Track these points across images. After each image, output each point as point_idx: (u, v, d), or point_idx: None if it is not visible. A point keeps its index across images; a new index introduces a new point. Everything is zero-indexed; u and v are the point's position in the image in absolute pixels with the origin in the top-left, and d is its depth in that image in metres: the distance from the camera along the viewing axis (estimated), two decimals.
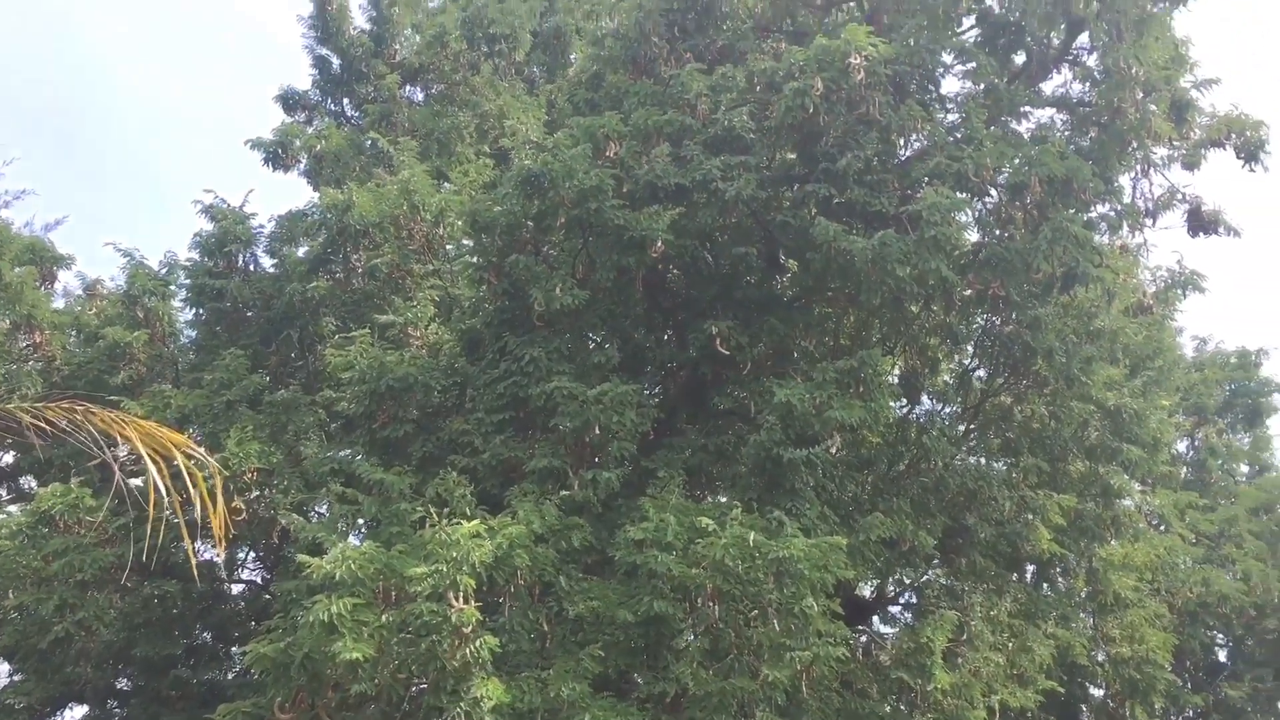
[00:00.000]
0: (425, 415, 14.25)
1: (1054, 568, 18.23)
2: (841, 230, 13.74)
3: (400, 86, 21.84)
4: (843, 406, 13.45)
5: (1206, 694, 20.49)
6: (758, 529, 11.83)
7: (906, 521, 14.87)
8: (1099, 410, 16.69)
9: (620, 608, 11.82)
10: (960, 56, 15.92)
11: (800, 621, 11.76)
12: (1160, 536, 19.47)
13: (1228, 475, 23.63)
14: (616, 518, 12.94)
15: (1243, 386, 24.25)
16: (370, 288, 17.00)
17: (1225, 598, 19.27)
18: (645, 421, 13.90)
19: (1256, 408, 24.21)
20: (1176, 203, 16.46)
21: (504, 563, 11.17)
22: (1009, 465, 17.48)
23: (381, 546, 10.95)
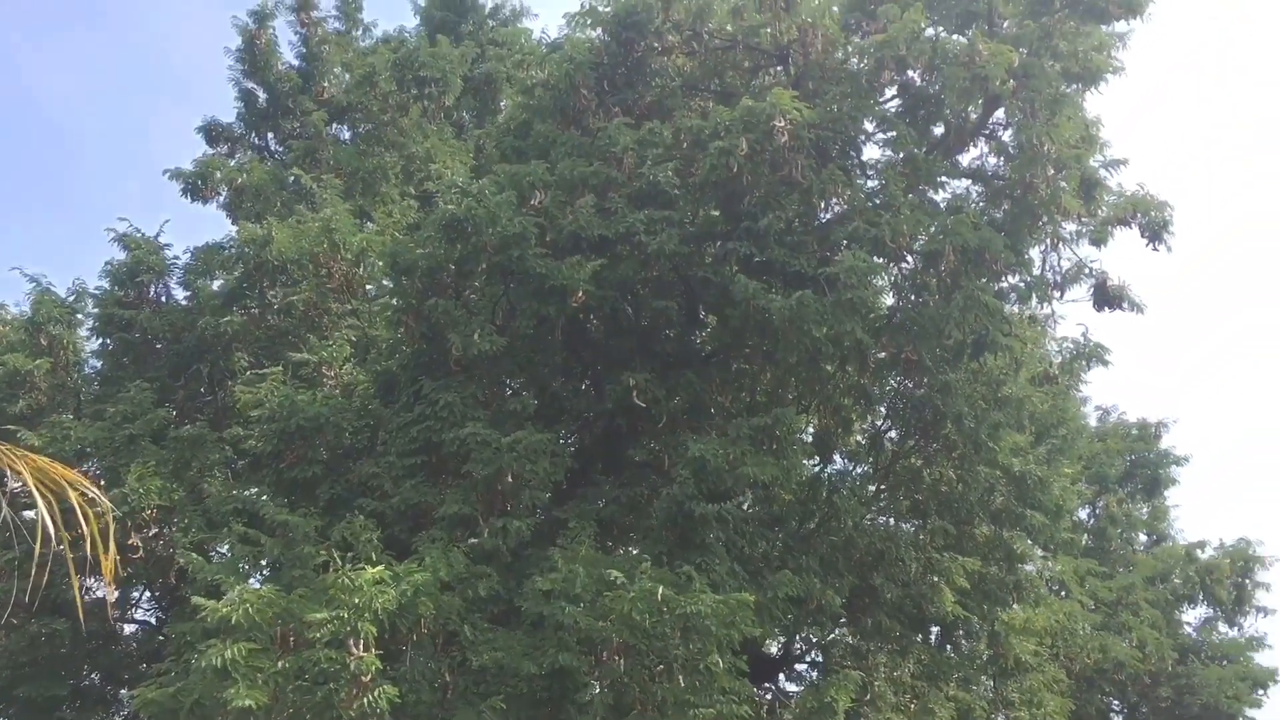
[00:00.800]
0: (335, 456, 14.02)
1: (957, 630, 18.42)
2: (760, 288, 13.91)
3: (327, 124, 21.66)
4: (756, 463, 13.55)
5: None
6: (667, 583, 11.81)
7: (814, 580, 14.94)
8: (1005, 476, 17.00)
9: (525, 659, 11.68)
10: (881, 125, 16.30)
11: (705, 678, 11.73)
12: (1060, 602, 19.82)
13: (1126, 544, 24.21)
14: (526, 567, 12.83)
15: (1143, 458, 24.95)
16: (285, 325, 16.75)
17: (1121, 664, 19.65)
18: (559, 471, 13.85)
19: (1155, 479, 24.91)
20: (1084, 277, 16.92)
21: (408, 610, 10.99)
22: (916, 527, 17.71)
23: (282, 590, 10.71)
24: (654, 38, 16.57)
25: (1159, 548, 24.14)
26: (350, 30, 23.75)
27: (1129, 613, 20.73)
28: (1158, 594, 21.89)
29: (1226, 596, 22.42)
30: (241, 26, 22.26)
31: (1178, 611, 22.75)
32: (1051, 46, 15.35)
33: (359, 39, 23.81)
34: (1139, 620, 20.54)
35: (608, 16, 16.60)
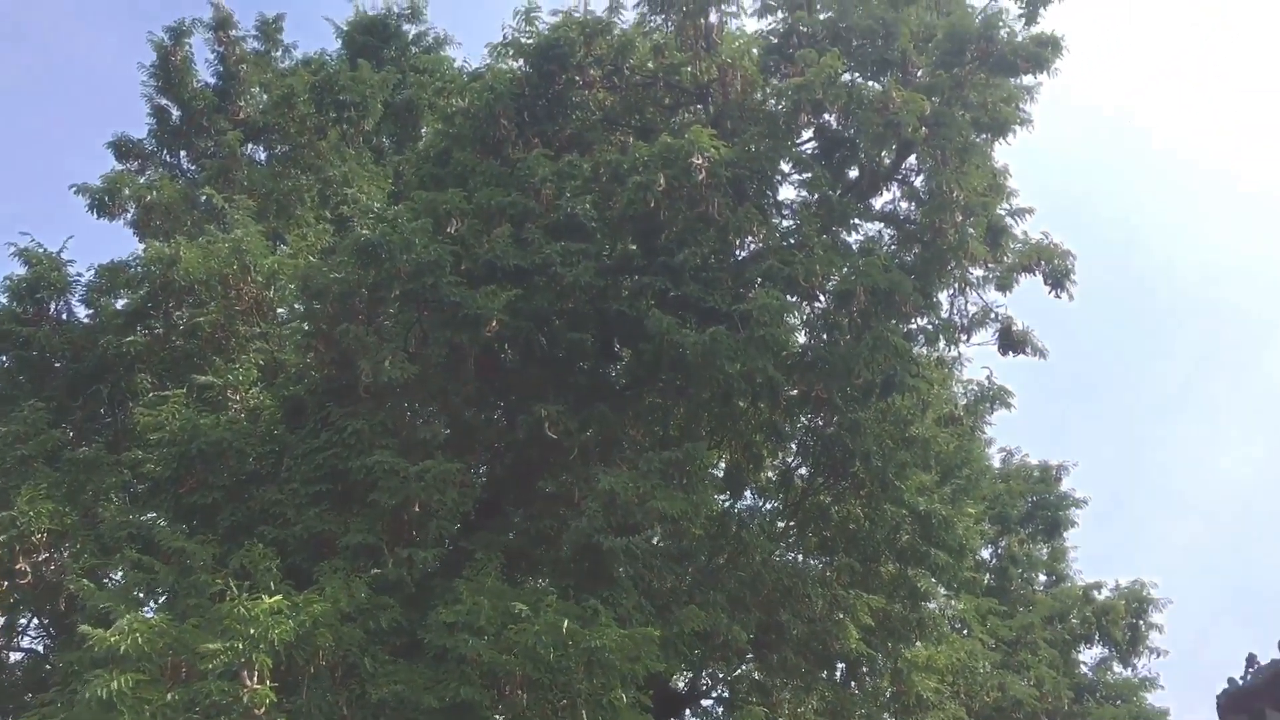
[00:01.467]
0: (237, 482, 13.70)
1: (862, 667, 18.59)
2: (675, 323, 14.00)
3: (242, 144, 21.31)
4: (665, 497, 13.56)
5: None
6: (572, 617, 11.74)
7: (722, 615, 14.96)
8: (911, 514, 17.25)
9: (426, 692, 11.50)
10: (797, 166, 16.56)
11: (608, 713, 11.66)
12: (962, 640, 20.11)
13: (1026, 583, 24.71)
14: (430, 599, 12.65)
15: (1043, 499, 25.54)
16: (191, 346, 16.35)
17: (1019, 703, 19.97)
18: (468, 501, 13.72)
19: (1055, 520, 25.50)
20: (989, 321, 17.37)
21: (306, 641, 10.75)
22: (824, 564, 17.88)
23: (174, 619, 10.41)
24: (575, 71, 16.68)
25: (1057, 588, 24.68)
26: (269, 51, 23.44)
27: (1028, 651, 21.12)
28: (1055, 633, 22.35)
29: (1121, 637, 22.98)
30: (157, 42, 21.86)
31: (1074, 651, 23.26)
32: (962, 97, 15.78)
33: (278, 60, 23.52)
34: (1037, 659, 20.94)
35: (530, 48, 16.67)
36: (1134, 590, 23.80)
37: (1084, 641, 23.41)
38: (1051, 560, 25.61)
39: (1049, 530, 25.54)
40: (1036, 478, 25.77)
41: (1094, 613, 23.20)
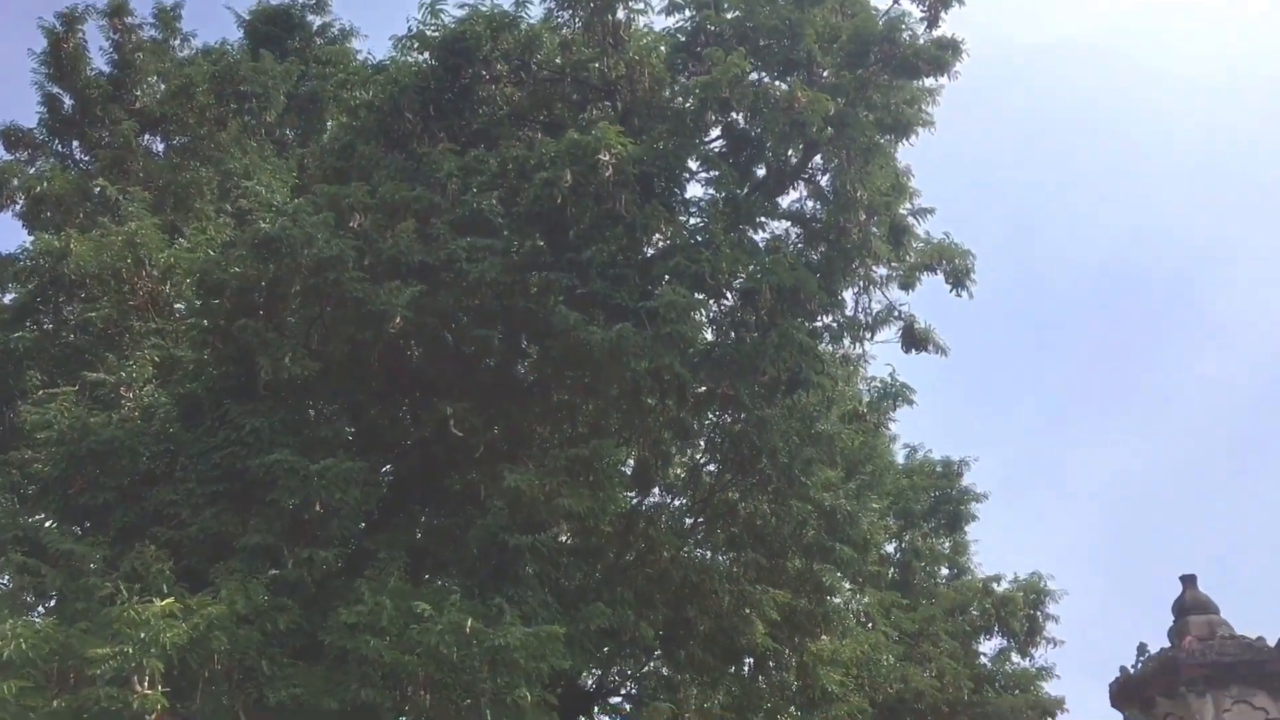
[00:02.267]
0: (130, 483, 13.30)
1: (768, 661, 18.74)
2: (581, 320, 13.94)
3: (138, 134, 20.76)
4: (572, 495, 13.54)
5: None
6: (476, 615, 11.65)
7: (628, 612, 14.98)
8: (816, 510, 17.43)
9: (326, 695, 11.33)
10: (705, 164, 16.62)
11: (513, 712, 11.59)
12: (866, 633, 20.38)
13: (929, 577, 25.14)
14: (331, 600, 12.44)
15: (946, 494, 25.99)
16: (82, 342, 15.87)
17: (922, 694, 20.31)
18: (371, 500, 13.54)
19: (957, 514, 25.97)
20: (893, 319, 17.66)
21: (200, 645, 10.49)
22: (731, 559, 17.98)
23: (62, 624, 10.07)
24: (482, 66, 16.52)
25: (959, 581, 25.15)
26: (167, 39, 22.86)
27: (930, 643, 21.48)
28: (956, 625, 22.77)
29: (1019, 628, 23.50)
30: (48, 28, 21.16)
31: (975, 642, 23.71)
32: (866, 98, 15.97)
33: (176, 49, 22.95)
34: (939, 651, 21.31)
35: (435, 41, 16.46)
36: (1032, 583, 24.37)
37: (984, 633, 23.87)
38: (953, 554, 26.09)
39: (951, 524, 26.01)
40: (939, 473, 26.23)
41: (993, 605, 23.70)
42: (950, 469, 26.53)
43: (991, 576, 25.04)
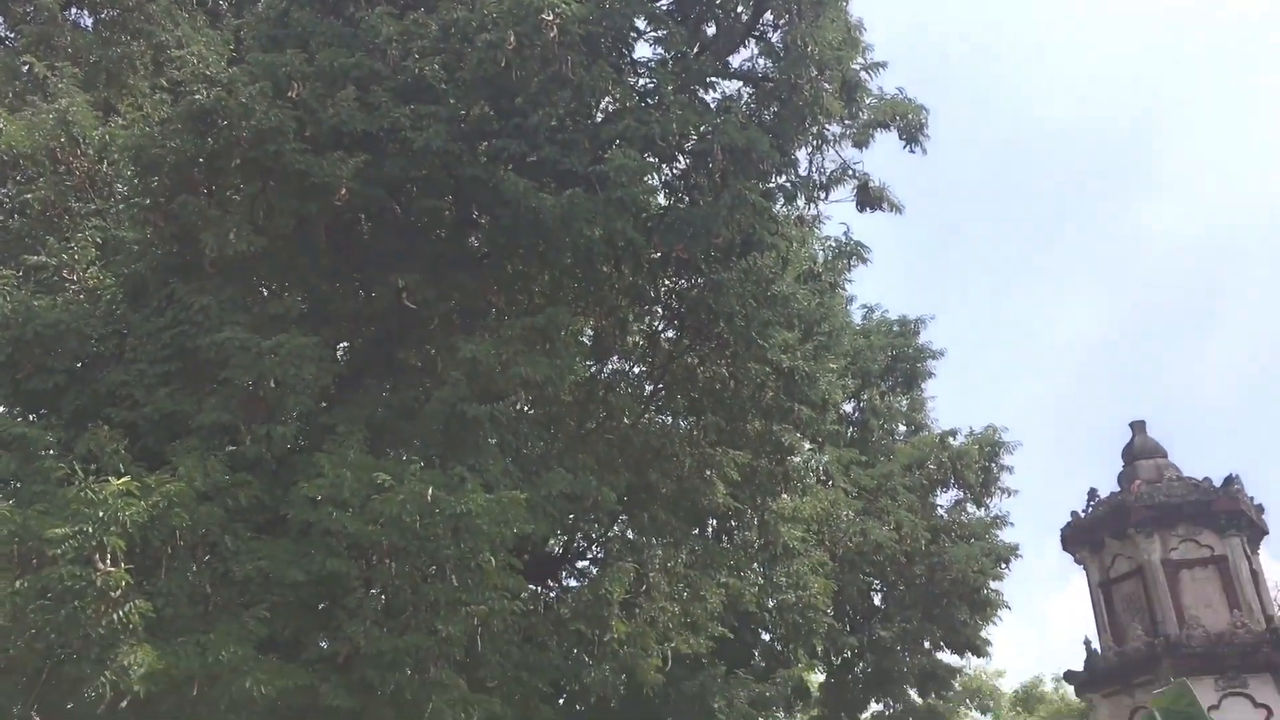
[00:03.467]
0: (79, 366, 13.11)
1: (730, 521, 19.13)
2: (531, 187, 13.73)
3: (64, 8, 19.82)
4: (529, 363, 13.50)
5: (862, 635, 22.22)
6: (438, 484, 11.71)
7: (590, 478, 15.13)
8: (774, 372, 17.57)
9: (291, 567, 11.42)
10: (653, 24, 16.16)
11: (477, 577, 11.76)
12: (826, 491, 20.84)
13: (887, 434, 25.59)
14: (291, 474, 12.45)
15: (903, 352, 26.28)
16: (21, 226, 15.41)
17: (880, 546, 20.89)
18: (326, 376, 13.42)
19: (914, 372, 26.32)
20: (847, 178, 17.51)
21: (161, 522, 10.51)
22: (691, 424, 18.17)
23: (18, 507, 10.02)
24: None
25: (916, 437, 25.63)
26: None
27: (888, 498, 22.01)
28: (914, 480, 23.29)
29: (975, 480, 24.09)
30: None
31: (931, 495, 24.31)
32: None
33: None
34: (897, 505, 21.85)
35: None
36: (987, 435, 24.88)
37: (940, 486, 24.47)
38: (910, 411, 26.53)
39: (908, 382, 26.37)
40: (896, 332, 26.47)
41: (949, 458, 24.22)
42: (907, 327, 26.77)
43: (948, 431, 25.55)
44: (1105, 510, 18.86)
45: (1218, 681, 16.75)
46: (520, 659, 13.52)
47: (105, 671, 9.57)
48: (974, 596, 22.45)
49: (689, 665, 17.80)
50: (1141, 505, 18.28)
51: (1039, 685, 44.98)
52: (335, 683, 11.17)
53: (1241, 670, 17.09)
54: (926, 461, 24.15)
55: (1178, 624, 17.59)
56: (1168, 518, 18.26)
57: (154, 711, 10.18)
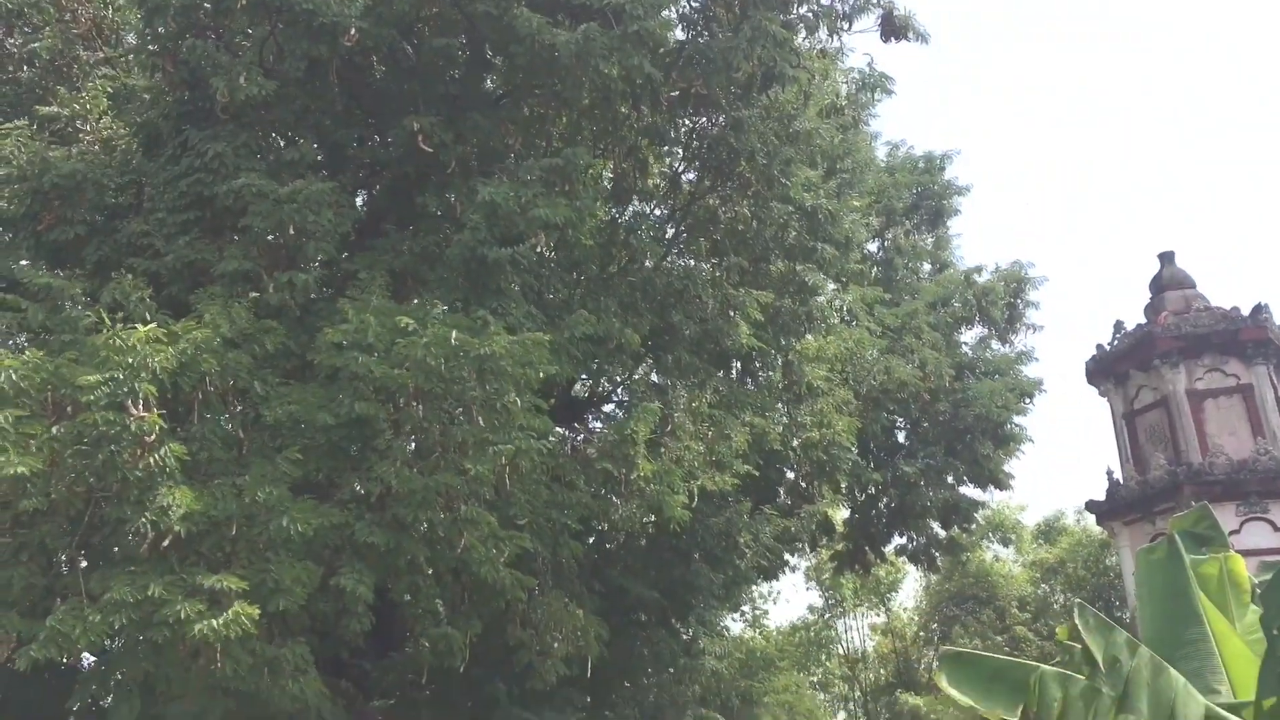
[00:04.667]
0: (99, 217, 13.10)
1: (754, 362, 19.21)
2: (545, 23, 13.36)
3: None
4: (548, 205, 13.37)
5: (885, 471, 22.52)
6: (462, 328, 11.76)
7: (614, 320, 15.17)
8: (797, 211, 17.39)
9: (320, 411, 11.57)
10: None
11: (503, 417, 11.90)
12: (849, 330, 20.83)
13: (911, 273, 25.38)
14: (316, 321, 12.53)
15: (928, 189, 25.83)
16: (30, 76, 15.23)
17: (904, 384, 20.96)
18: (345, 222, 13.37)
19: (940, 209, 25.91)
20: (871, 7, 16.91)
21: (190, 369, 10.63)
22: (714, 265, 18.09)
23: (48, 355, 10.15)
24: None
25: (941, 274, 25.41)
26: None
27: (912, 336, 21.97)
28: (939, 318, 23.21)
29: (1000, 316, 23.97)
30: None
31: (956, 333, 24.26)
32: None
33: None
34: (921, 343, 21.83)
35: None
36: (1013, 271, 24.66)
37: (965, 323, 24.38)
38: (935, 248, 26.25)
39: (933, 219, 26.02)
40: (921, 168, 25.98)
41: (975, 295, 24.05)
42: (932, 163, 26.28)
43: (973, 268, 25.34)
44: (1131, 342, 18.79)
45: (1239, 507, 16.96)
46: (549, 498, 13.78)
47: (145, 513, 9.82)
48: (997, 431, 22.61)
49: (715, 503, 18.16)
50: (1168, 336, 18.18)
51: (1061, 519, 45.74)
52: (369, 521, 11.44)
53: (1263, 496, 17.28)
54: (951, 299, 24.02)
55: (1200, 452, 17.71)
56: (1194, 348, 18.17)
57: (195, 551, 10.49)
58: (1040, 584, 42.79)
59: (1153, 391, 18.55)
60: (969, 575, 40.67)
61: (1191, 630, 8.72)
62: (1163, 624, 8.84)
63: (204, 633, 9.47)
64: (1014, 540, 44.04)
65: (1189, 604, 8.79)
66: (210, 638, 9.51)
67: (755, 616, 35.03)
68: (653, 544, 18.74)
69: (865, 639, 44.29)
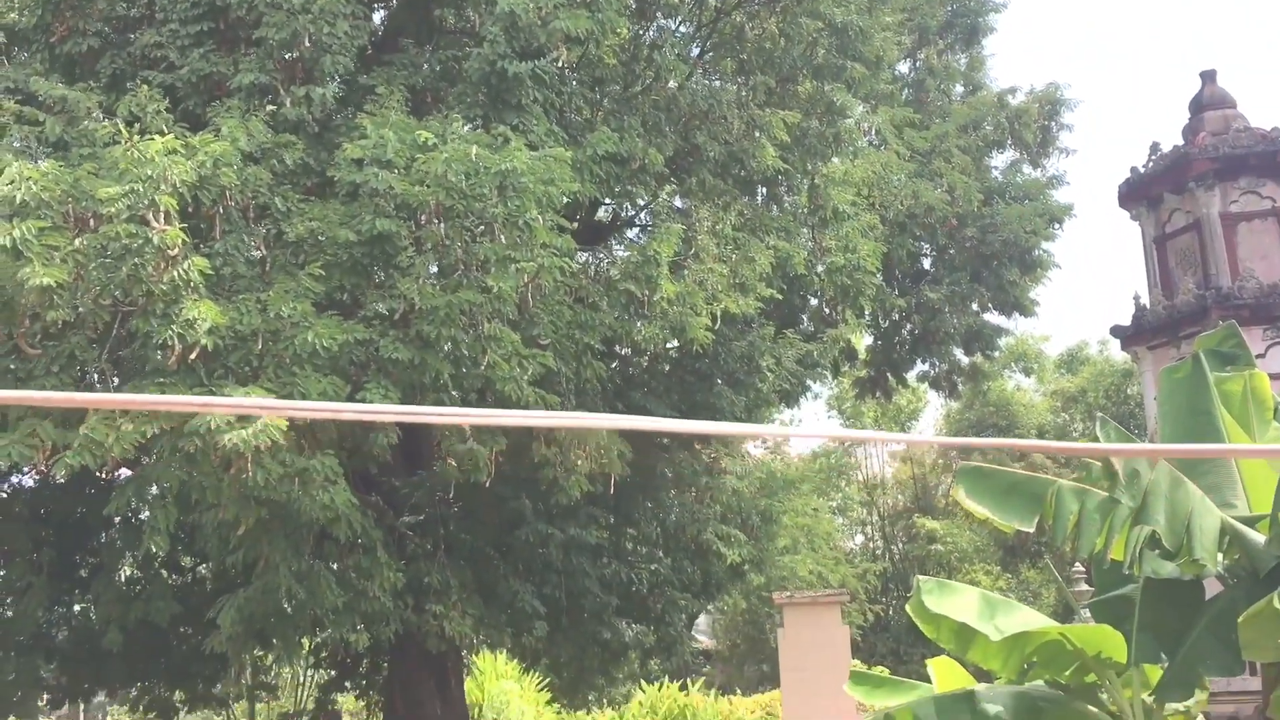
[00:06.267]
0: (112, 28, 12.81)
1: (779, 185, 18.91)
2: None
3: None
4: (569, 17, 13.00)
5: (909, 297, 22.38)
6: (482, 144, 11.59)
7: (637, 139, 14.91)
8: (827, 27, 16.83)
9: (342, 228, 11.53)
10: None
11: (525, 234, 11.82)
12: (877, 153, 20.39)
13: (943, 94, 24.58)
14: (334, 137, 12.38)
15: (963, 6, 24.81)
16: None
17: (932, 209, 20.60)
18: (361, 35, 13.05)
19: (975, 27, 24.93)
20: None
21: (209, 182, 10.55)
22: (739, 85, 17.63)
23: (67, 167, 10.08)
24: None
25: (973, 96, 24.64)
26: None
27: (942, 160, 21.48)
28: (969, 141, 22.62)
29: (1032, 139, 23.36)
30: None
31: (987, 157, 23.68)
32: None
33: None
34: (950, 167, 21.34)
35: None
36: (1047, 93, 23.91)
37: (996, 147, 23.76)
38: (969, 70, 25.38)
39: (967, 39, 25.09)
40: None
41: (1007, 118, 23.37)
42: None
43: (1006, 90, 24.59)
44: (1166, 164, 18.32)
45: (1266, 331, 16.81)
46: (572, 318, 13.80)
47: (171, 326, 9.90)
48: (1024, 257, 22.31)
49: (738, 326, 18.16)
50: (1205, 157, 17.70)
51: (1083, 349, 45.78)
52: (393, 338, 11.53)
53: None
54: (983, 122, 23.34)
55: (1230, 276, 17.46)
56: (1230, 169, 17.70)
57: (222, 365, 10.62)
58: (1060, 413, 43.16)
59: (1185, 214, 18.18)
60: (989, 404, 41.01)
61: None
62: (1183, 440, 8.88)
63: (234, 443, 9.66)
64: (1036, 370, 44.20)
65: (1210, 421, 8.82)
66: (240, 448, 9.70)
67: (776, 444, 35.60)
68: (675, 367, 18.86)
69: (884, 466, 45.08)
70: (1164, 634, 8.19)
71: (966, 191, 21.09)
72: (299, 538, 12.19)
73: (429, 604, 14.67)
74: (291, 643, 13.84)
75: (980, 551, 38.63)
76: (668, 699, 27.10)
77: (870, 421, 42.70)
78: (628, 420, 5.61)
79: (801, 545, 33.93)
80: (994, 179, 23.61)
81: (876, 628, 37.40)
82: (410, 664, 17.63)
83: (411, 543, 15.41)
